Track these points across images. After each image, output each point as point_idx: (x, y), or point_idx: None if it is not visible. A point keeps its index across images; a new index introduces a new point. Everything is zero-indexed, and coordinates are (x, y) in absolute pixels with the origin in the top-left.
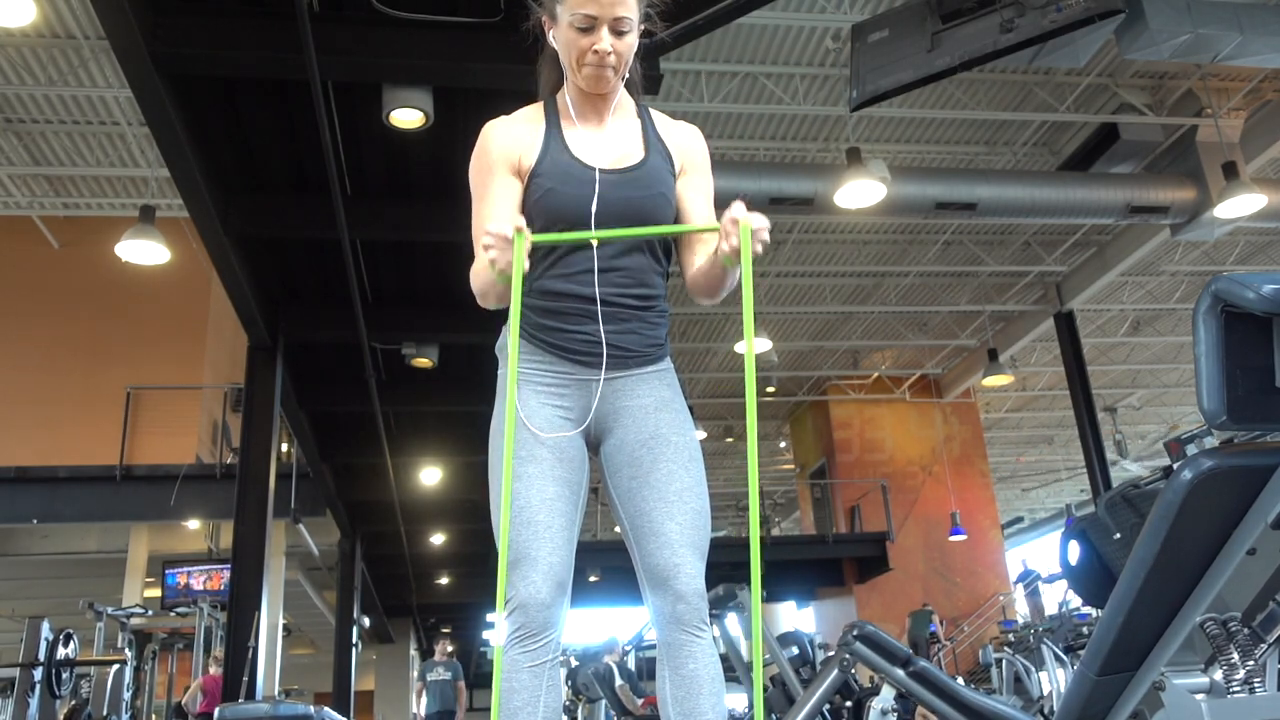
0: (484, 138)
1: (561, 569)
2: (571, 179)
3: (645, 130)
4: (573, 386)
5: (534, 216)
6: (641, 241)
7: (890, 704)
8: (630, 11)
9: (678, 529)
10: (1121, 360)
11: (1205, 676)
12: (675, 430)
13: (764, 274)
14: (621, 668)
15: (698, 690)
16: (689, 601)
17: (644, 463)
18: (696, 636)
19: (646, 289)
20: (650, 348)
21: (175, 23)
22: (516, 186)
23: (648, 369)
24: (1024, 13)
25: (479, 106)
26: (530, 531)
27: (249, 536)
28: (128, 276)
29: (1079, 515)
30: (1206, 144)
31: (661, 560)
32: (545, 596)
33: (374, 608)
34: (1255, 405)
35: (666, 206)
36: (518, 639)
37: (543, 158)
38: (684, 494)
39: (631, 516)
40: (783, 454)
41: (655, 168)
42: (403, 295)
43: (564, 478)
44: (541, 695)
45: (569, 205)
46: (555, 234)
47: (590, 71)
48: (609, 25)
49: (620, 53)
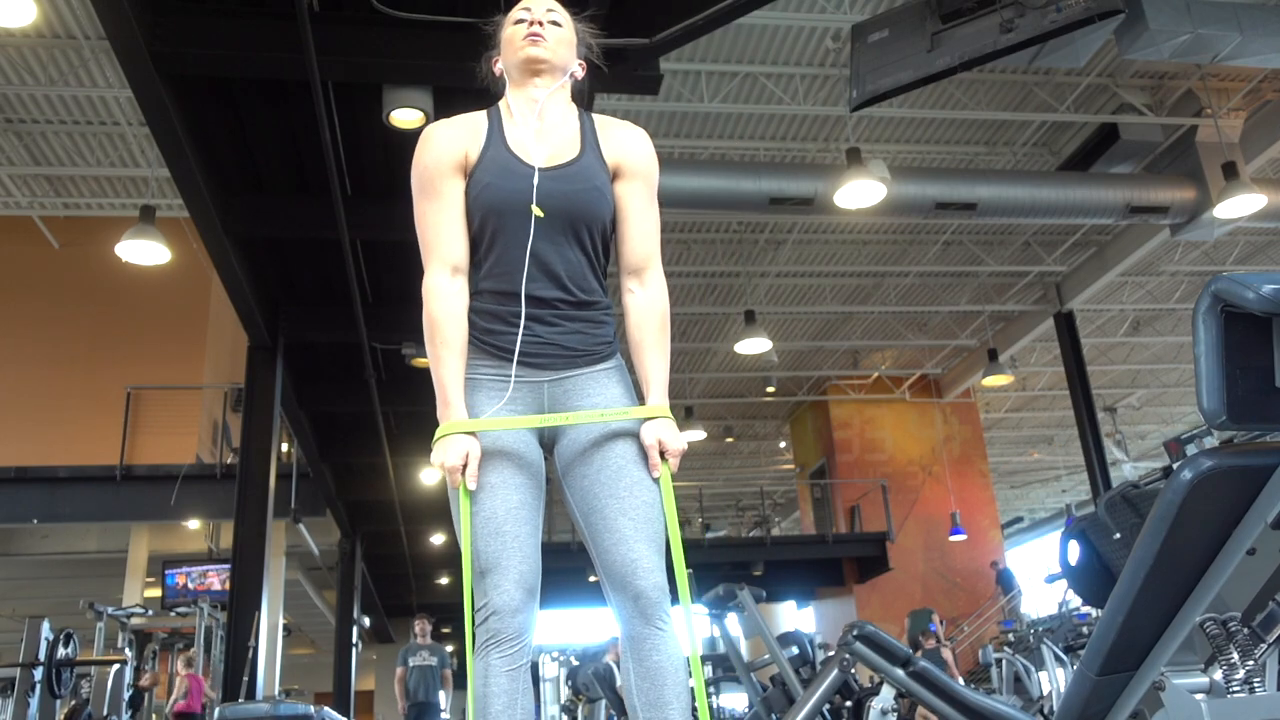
0: (428, 137)
1: (531, 575)
2: (510, 174)
3: (583, 130)
4: (523, 389)
5: (474, 211)
6: (580, 238)
7: (890, 704)
8: (561, 15)
9: (631, 525)
10: (1121, 360)
11: (1205, 676)
12: (626, 425)
13: (764, 274)
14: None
15: (662, 681)
16: (649, 596)
17: (594, 460)
18: (659, 629)
19: (586, 286)
20: (598, 345)
21: (175, 23)
22: (459, 187)
23: (596, 367)
24: (1024, 13)
25: (479, 106)
26: (499, 541)
27: (249, 536)
28: (128, 276)
29: (1079, 515)
30: (1206, 144)
31: (619, 556)
32: (517, 602)
33: (374, 608)
34: (1255, 405)
35: (601, 201)
36: (494, 644)
37: (484, 153)
38: (634, 488)
39: (586, 514)
40: (783, 454)
41: (589, 164)
42: (403, 295)
43: (525, 484)
44: (518, 698)
45: (508, 200)
46: (500, 419)
47: (525, 43)
48: (542, 13)
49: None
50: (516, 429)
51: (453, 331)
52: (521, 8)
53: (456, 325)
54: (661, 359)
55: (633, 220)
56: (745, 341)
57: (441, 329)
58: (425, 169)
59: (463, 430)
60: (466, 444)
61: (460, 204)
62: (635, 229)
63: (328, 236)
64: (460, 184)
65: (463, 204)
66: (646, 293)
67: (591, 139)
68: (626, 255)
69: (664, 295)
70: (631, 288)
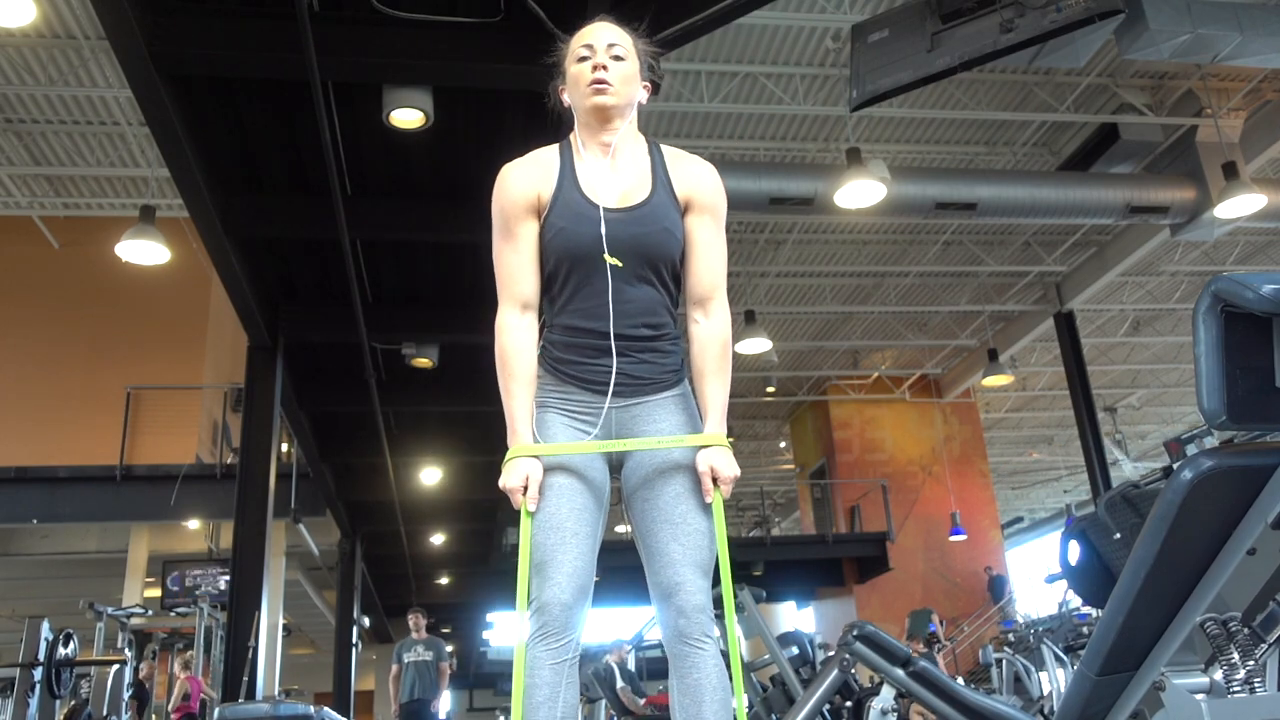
0: (504, 179)
1: (584, 574)
2: (581, 218)
3: (654, 166)
4: (594, 414)
5: (549, 253)
6: (652, 275)
7: (890, 704)
8: (622, 41)
9: (680, 549)
10: (1121, 360)
11: (1205, 676)
12: (686, 456)
13: (764, 274)
14: (622, 668)
15: (700, 698)
16: (690, 616)
17: (655, 486)
18: (699, 648)
19: (657, 320)
20: (665, 374)
21: (175, 23)
22: (533, 229)
23: (664, 394)
24: (1024, 13)
25: (479, 106)
26: (557, 536)
27: (249, 536)
28: (128, 276)
29: (1079, 515)
30: (1206, 144)
31: (666, 578)
32: (568, 597)
33: (374, 608)
34: (1255, 405)
35: (671, 240)
36: (540, 637)
37: (556, 195)
38: (687, 517)
39: (643, 536)
40: (783, 454)
41: (660, 204)
42: (403, 295)
43: (588, 494)
44: (561, 691)
45: (581, 244)
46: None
47: (590, 92)
48: (603, 50)
49: (616, 72)
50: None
51: (521, 365)
52: (583, 44)
53: (526, 359)
54: (721, 387)
55: (700, 253)
56: (745, 341)
57: (511, 363)
58: (501, 210)
59: (527, 454)
60: (527, 467)
61: (534, 244)
62: (702, 261)
63: (328, 236)
64: (534, 226)
65: (536, 244)
66: (710, 323)
67: (662, 174)
68: (693, 286)
69: (727, 325)
70: (696, 317)
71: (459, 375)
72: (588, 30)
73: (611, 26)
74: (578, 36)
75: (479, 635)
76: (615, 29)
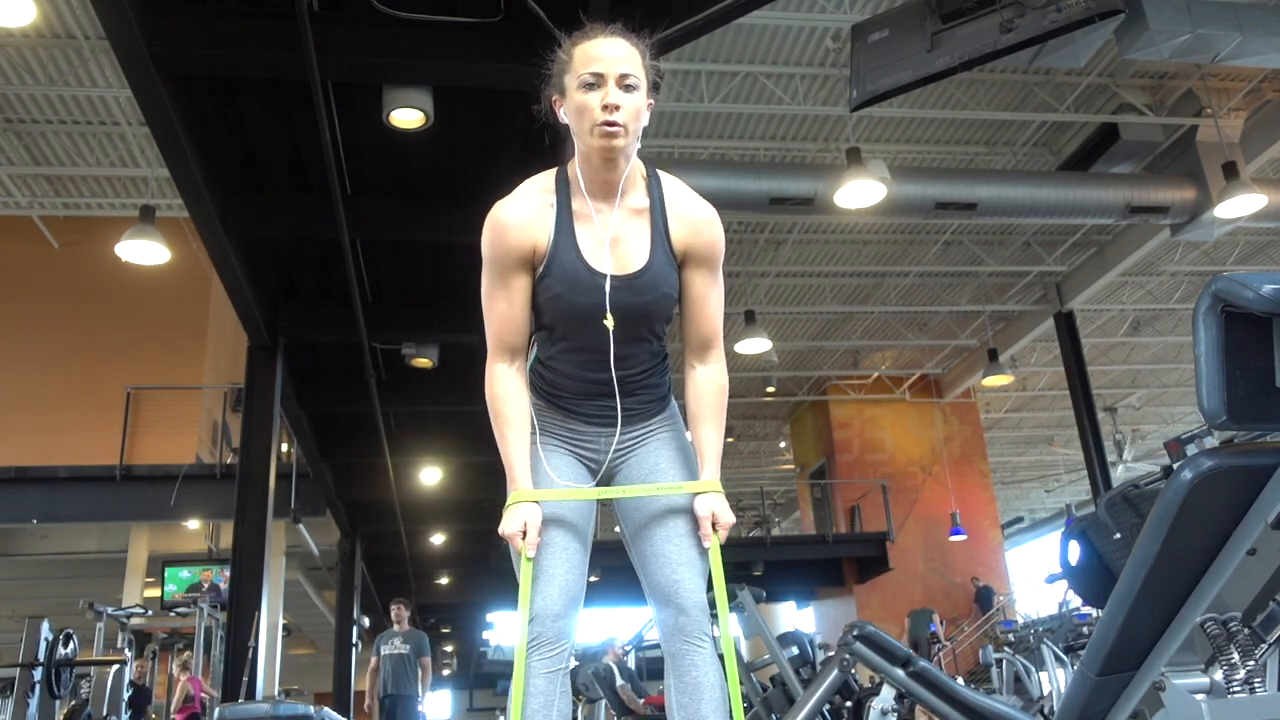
0: (497, 226)
1: (575, 585)
2: (580, 287)
3: (653, 214)
4: (596, 444)
5: (544, 311)
6: (647, 332)
7: (890, 704)
8: (636, 69)
9: (676, 550)
10: (1121, 360)
11: (1205, 676)
12: (674, 464)
13: (764, 274)
14: (622, 667)
15: (699, 697)
16: (689, 614)
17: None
18: (697, 647)
19: (652, 364)
20: (656, 401)
21: (175, 23)
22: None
23: (653, 420)
24: (1024, 13)
25: (479, 106)
26: (548, 551)
27: (249, 536)
28: (128, 276)
29: (1079, 515)
30: (1206, 144)
31: (663, 578)
32: (559, 608)
33: (374, 608)
34: (1255, 405)
35: (668, 301)
36: (535, 647)
37: (553, 255)
38: (680, 516)
39: (637, 541)
40: (783, 454)
41: (660, 269)
42: (403, 295)
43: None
44: (555, 700)
45: (577, 310)
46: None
47: (600, 132)
48: (615, 80)
49: (628, 108)
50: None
51: (515, 412)
52: (591, 69)
53: (518, 405)
54: (717, 433)
55: (698, 303)
56: (745, 341)
57: (505, 410)
58: (493, 258)
59: (528, 499)
60: (526, 513)
61: (526, 296)
62: (700, 312)
63: (328, 236)
64: (527, 278)
65: (528, 294)
66: (708, 370)
67: (660, 224)
68: (691, 335)
69: (724, 372)
70: (694, 364)
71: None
72: (595, 45)
73: (621, 43)
74: (582, 50)
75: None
76: (625, 47)
